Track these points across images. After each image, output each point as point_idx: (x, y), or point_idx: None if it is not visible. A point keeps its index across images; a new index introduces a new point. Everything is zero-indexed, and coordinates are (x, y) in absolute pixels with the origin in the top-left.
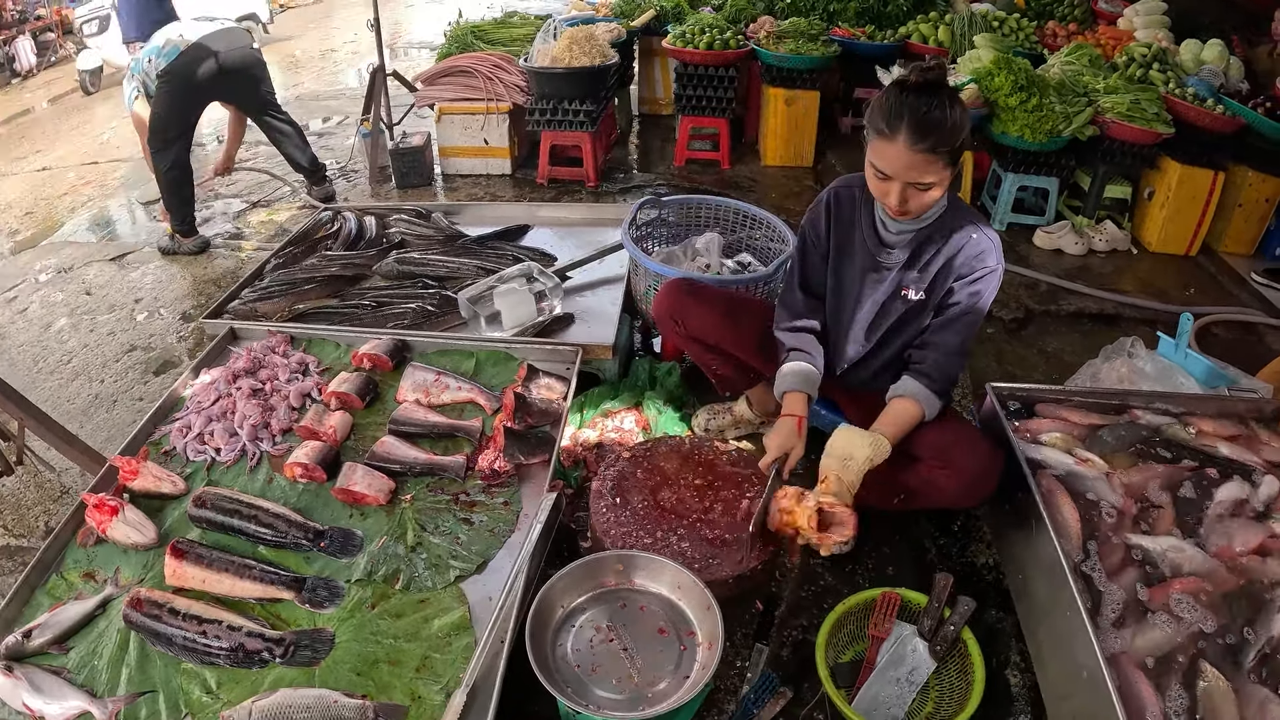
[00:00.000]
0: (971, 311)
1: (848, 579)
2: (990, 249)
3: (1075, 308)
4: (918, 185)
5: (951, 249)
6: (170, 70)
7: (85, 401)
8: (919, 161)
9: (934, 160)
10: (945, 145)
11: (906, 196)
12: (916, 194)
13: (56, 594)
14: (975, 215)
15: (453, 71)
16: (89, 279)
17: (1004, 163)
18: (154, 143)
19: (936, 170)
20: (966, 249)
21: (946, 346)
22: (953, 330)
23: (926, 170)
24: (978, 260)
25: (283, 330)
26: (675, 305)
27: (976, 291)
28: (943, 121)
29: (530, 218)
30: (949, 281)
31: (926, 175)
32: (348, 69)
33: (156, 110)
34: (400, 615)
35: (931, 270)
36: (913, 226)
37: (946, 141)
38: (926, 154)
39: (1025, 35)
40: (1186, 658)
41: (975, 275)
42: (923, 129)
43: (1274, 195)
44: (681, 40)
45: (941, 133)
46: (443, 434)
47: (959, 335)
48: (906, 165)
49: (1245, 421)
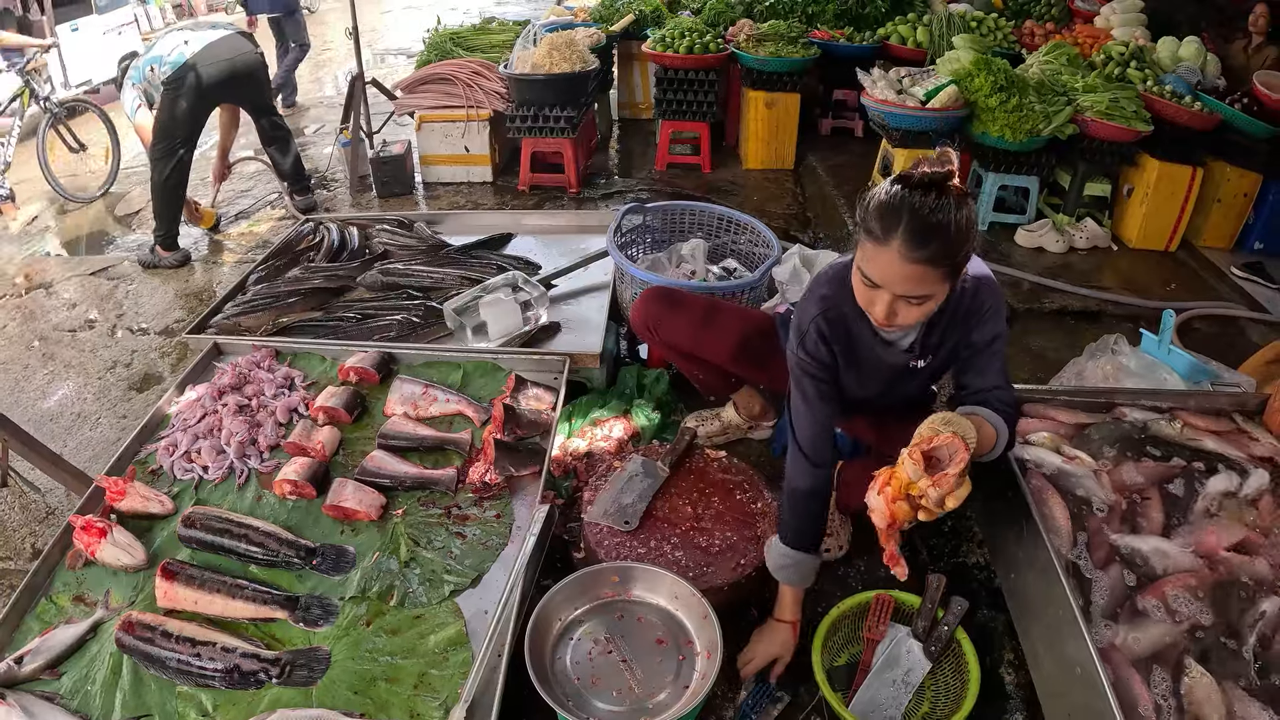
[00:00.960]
0: (998, 350)
1: (841, 582)
2: (987, 287)
3: (1058, 305)
4: (910, 299)
5: (954, 310)
6: (177, 78)
7: (69, 420)
8: (914, 274)
9: (931, 272)
10: (947, 257)
11: (896, 310)
12: (907, 308)
13: (47, 618)
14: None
15: (432, 79)
16: (69, 295)
17: (984, 163)
18: (158, 150)
19: (933, 283)
20: (969, 304)
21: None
22: (993, 371)
23: (922, 282)
24: (983, 305)
25: (268, 344)
26: (650, 314)
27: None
28: (946, 227)
29: (514, 226)
30: (961, 335)
31: (921, 288)
32: (325, 77)
33: (162, 118)
34: (396, 631)
35: (935, 338)
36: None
37: (949, 252)
38: (924, 265)
39: (1003, 35)
40: (1177, 653)
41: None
42: (922, 235)
43: (1252, 190)
44: (661, 44)
45: (944, 241)
46: (432, 447)
47: (1001, 374)
48: (900, 276)
49: (1229, 416)
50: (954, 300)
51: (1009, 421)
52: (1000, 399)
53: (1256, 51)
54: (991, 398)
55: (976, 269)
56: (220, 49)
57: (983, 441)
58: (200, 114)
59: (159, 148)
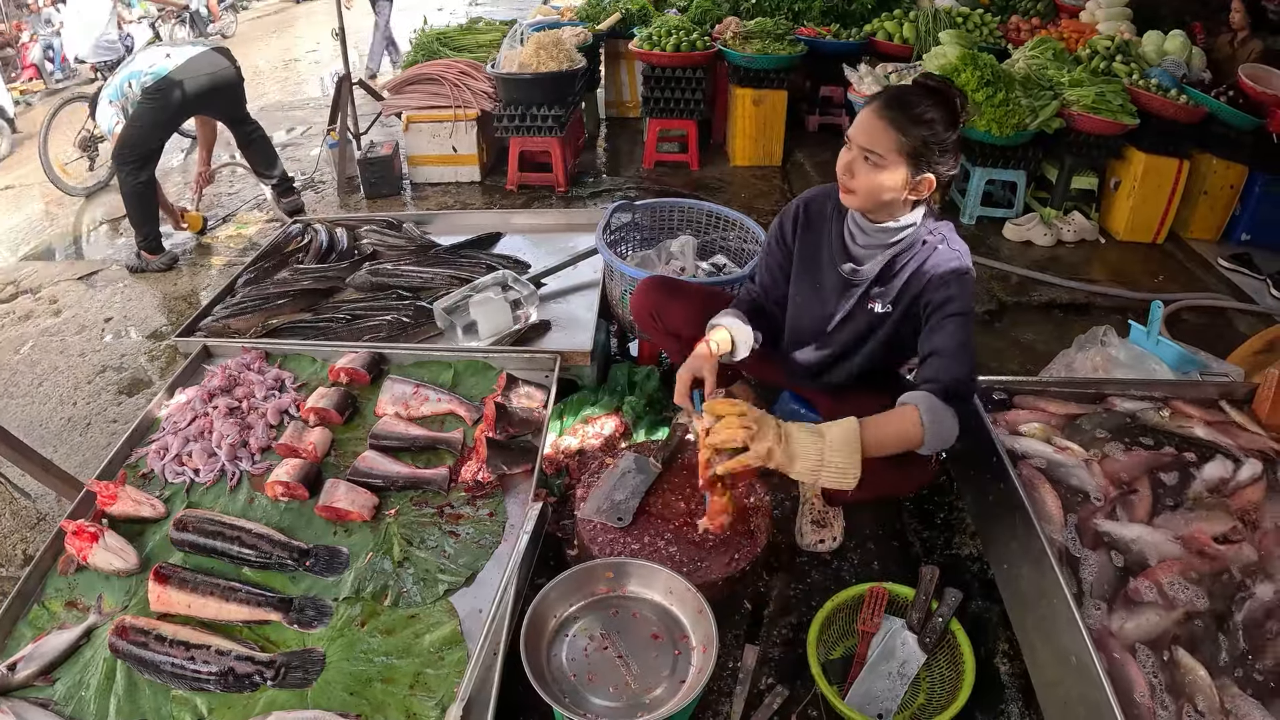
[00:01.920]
0: (959, 314)
1: (834, 576)
2: (959, 255)
3: (1047, 298)
4: (867, 154)
5: (919, 260)
6: (158, 89)
7: (58, 425)
8: (875, 126)
9: (889, 133)
10: (906, 126)
11: (855, 169)
12: (863, 168)
13: (39, 624)
14: (945, 226)
15: (419, 79)
16: (57, 300)
17: (972, 157)
18: (129, 159)
19: (888, 146)
20: (935, 258)
21: (946, 350)
22: (944, 334)
23: (878, 138)
24: (945, 265)
25: (257, 346)
26: (653, 301)
27: (952, 295)
28: (914, 105)
29: (502, 225)
30: (919, 291)
31: (876, 144)
32: (310, 79)
33: (136, 126)
34: (391, 632)
35: (898, 283)
36: (881, 240)
37: (908, 123)
38: (885, 123)
39: (989, 30)
40: (1168, 641)
41: (946, 279)
42: (895, 100)
43: (1238, 181)
44: (648, 43)
45: (908, 112)
46: (424, 447)
47: (954, 337)
48: (865, 126)
49: (1218, 405)
50: (918, 242)
51: (946, 394)
52: (939, 371)
53: (1242, 45)
54: (931, 370)
55: (955, 241)
56: (201, 64)
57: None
58: (174, 125)
59: (126, 155)
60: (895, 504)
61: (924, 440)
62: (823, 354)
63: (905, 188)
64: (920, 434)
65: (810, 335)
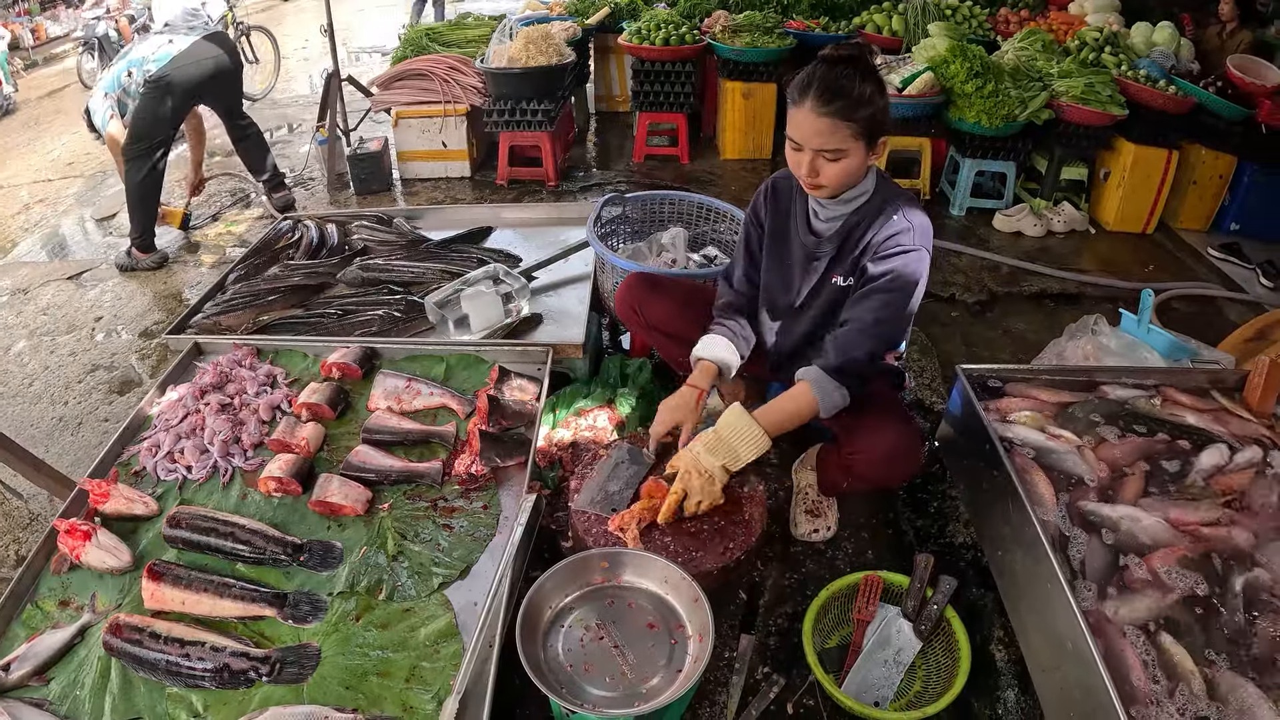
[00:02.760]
0: (885, 290)
1: (829, 564)
2: (908, 229)
3: (1037, 288)
4: (825, 153)
5: (873, 231)
6: (162, 75)
7: (50, 425)
8: (824, 126)
9: (840, 126)
10: (852, 113)
11: (817, 168)
12: (826, 164)
13: (33, 624)
14: (903, 197)
15: (409, 75)
16: (46, 299)
17: (961, 148)
18: (134, 150)
19: (843, 138)
20: (885, 229)
21: (856, 321)
22: (863, 306)
23: (832, 136)
24: (892, 240)
25: (249, 343)
26: (635, 297)
27: (889, 270)
28: (850, 89)
29: (493, 219)
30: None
31: (832, 141)
32: (299, 76)
33: (142, 116)
34: (386, 625)
35: (855, 254)
36: (841, 212)
37: (853, 109)
38: (832, 119)
39: (978, 22)
40: (1159, 625)
41: (889, 252)
42: (829, 93)
43: (1227, 172)
44: (638, 37)
45: (848, 99)
46: (417, 440)
47: (871, 312)
48: (813, 131)
49: (1209, 392)
50: (877, 209)
51: (837, 372)
52: (839, 348)
53: (1230, 36)
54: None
55: (912, 213)
56: (204, 49)
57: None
58: (182, 113)
59: (137, 148)
60: (889, 493)
61: (818, 412)
62: (793, 333)
63: (867, 159)
64: (814, 405)
65: (781, 312)
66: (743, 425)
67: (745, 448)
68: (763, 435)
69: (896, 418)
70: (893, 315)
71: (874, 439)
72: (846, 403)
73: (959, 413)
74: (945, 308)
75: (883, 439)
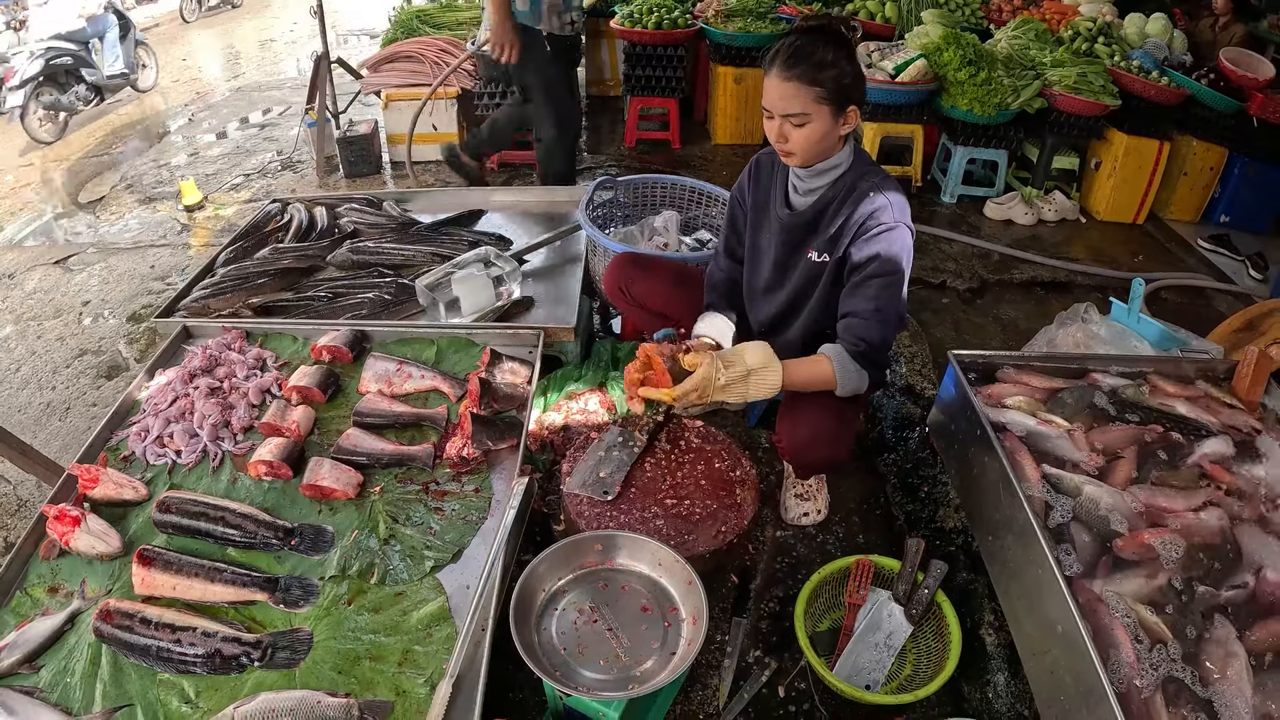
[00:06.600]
0: (876, 275)
1: (820, 549)
2: (886, 206)
3: (1028, 276)
4: (791, 118)
5: (849, 208)
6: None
7: (37, 410)
8: (788, 90)
9: (803, 90)
10: (814, 75)
11: (785, 134)
12: (794, 130)
13: (22, 611)
14: (878, 175)
15: (399, 57)
16: (33, 284)
17: (953, 136)
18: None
19: (805, 102)
20: (862, 207)
21: (860, 312)
22: (862, 296)
23: (795, 100)
24: (872, 219)
25: (238, 326)
26: (622, 276)
27: (875, 254)
28: (813, 54)
29: (484, 202)
30: (847, 241)
31: (795, 105)
32: (288, 59)
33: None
34: (378, 609)
35: (830, 230)
36: (817, 185)
37: (815, 72)
38: (795, 83)
39: (972, 10)
40: (1149, 606)
41: (871, 234)
42: (792, 58)
43: (1218, 163)
44: (629, 20)
45: (810, 63)
46: (408, 424)
47: (870, 301)
48: (778, 95)
49: (1197, 382)
50: (852, 185)
51: (859, 355)
52: (854, 330)
53: (1223, 29)
54: (846, 331)
55: (890, 192)
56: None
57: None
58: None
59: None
60: (879, 477)
61: (834, 386)
62: (773, 307)
63: (837, 127)
64: (832, 379)
65: (762, 287)
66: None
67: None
68: (778, 386)
69: (820, 407)
70: (891, 296)
71: (794, 425)
72: (864, 387)
73: (951, 398)
74: (936, 294)
75: (795, 432)
